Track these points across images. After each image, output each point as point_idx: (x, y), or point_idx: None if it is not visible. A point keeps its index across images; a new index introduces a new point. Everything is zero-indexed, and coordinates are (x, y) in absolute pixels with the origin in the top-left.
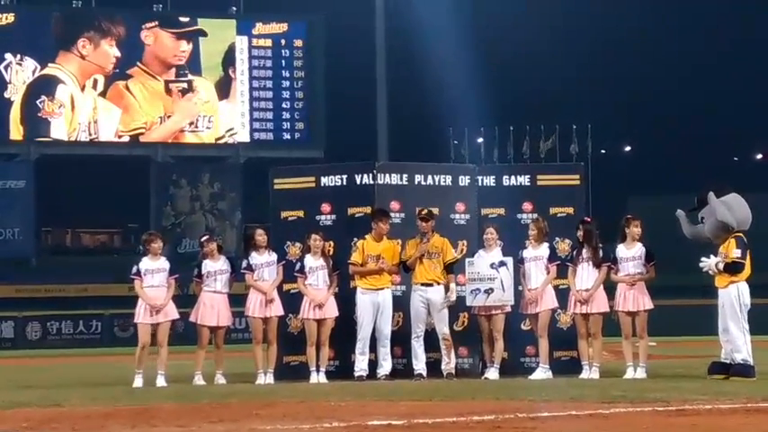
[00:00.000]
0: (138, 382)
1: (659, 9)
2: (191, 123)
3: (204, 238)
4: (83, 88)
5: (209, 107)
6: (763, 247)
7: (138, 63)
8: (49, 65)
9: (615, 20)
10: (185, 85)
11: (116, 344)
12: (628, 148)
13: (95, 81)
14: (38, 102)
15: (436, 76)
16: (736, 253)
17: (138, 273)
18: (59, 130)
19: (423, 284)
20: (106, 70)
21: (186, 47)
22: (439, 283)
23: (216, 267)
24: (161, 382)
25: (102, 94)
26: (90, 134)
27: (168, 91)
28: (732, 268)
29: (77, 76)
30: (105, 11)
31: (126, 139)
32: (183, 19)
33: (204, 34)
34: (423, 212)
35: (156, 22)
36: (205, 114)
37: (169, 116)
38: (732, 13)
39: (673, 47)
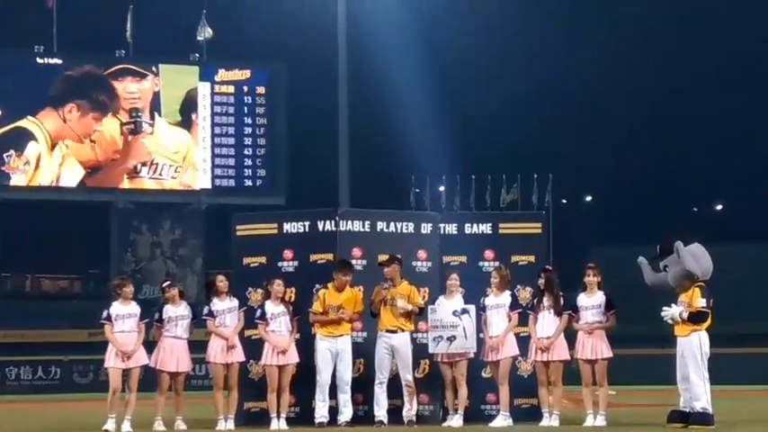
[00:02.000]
0: (109, 425)
1: (619, 64)
2: (145, 166)
3: (166, 283)
4: (52, 147)
5: (179, 156)
6: (723, 298)
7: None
8: (28, 117)
9: (575, 71)
10: (133, 126)
11: (75, 390)
12: (588, 198)
13: (68, 145)
14: (5, 155)
15: (398, 124)
16: (701, 302)
17: (109, 317)
18: (19, 182)
19: (387, 331)
20: (81, 138)
21: (134, 87)
22: (404, 330)
23: (177, 313)
24: (126, 426)
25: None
26: (51, 182)
27: (122, 133)
28: (697, 318)
29: (51, 136)
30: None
31: (81, 180)
32: (127, 63)
33: (144, 75)
34: (384, 259)
35: (103, 69)
36: (172, 164)
37: (121, 160)
38: (691, 65)
39: (631, 98)
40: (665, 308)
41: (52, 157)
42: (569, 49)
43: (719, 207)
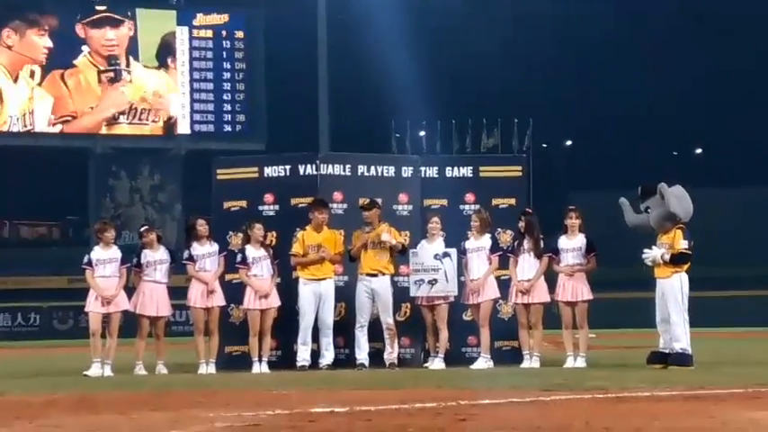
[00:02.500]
0: (95, 369)
1: (599, 6)
2: (123, 113)
3: (143, 228)
4: (15, 79)
5: (157, 100)
6: (703, 240)
7: (86, 56)
8: None
9: (557, 16)
10: (112, 74)
11: (55, 336)
12: (569, 143)
13: (32, 72)
14: None
15: (378, 68)
16: (683, 244)
17: (90, 263)
18: None
19: (368, 274)
20: (38, 61)
21: (113, 34)
22: (384, 273)
23: (155, 257)
24: (107, 371)
25: (39, 84)
26: (25, 125)
27: (99, 81)
28: (680, 259)
29: (7, 68)
30: (31, 2)
31: (58, 127)
32: (100, 7)
33: (120, 21)
34: (364, 203)
35: (79, 15)
36: (150, 108)
37: (97, 107)
38: (678, 17)
39: (615, 42)
40: (645, 250)
41: (17, 87)
42: None
43: (699, 151)
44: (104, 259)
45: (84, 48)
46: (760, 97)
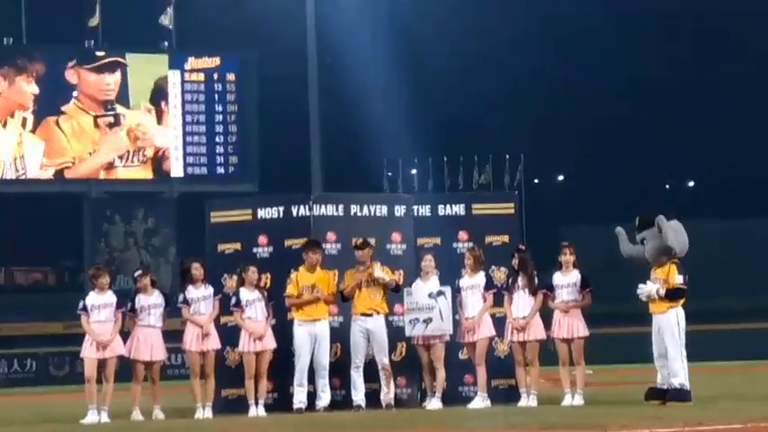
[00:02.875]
0: (91, 416)
1: (589, 40)
2: (120, 158)
3: (138, 272)
4: (4, 124)
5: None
6: (699, 273)
7: (74, 101)
8: None
9: (548, 50)
10: (112, 119)
11: (51, 382)
12: (561, 178)
13: (24, 119)
14: None
15: (369, 108)
16: (678, 279)
17: (85, 308)
18: None
19: (362, 314)
20: (26, 107)
21: (110, 79)
22: (379, 313)
23: (149, 302)
24: (104, 417)
25: (32, 131)
26: (17, 170)
27: (96, 126)
28: (675, 294)
29: None
30: (21, 48)
31: (51, 172)
32: (99, 53)
33: (122, 66)
34: (357, 242)
35: (75, 60)
36: (139, 148)
37: (95, 152)
38: (667, 45)
39: (605, 76)
40: (640, 285)
41: (6, 132)
42: (539, 30)
43: (691, 183)
44: (99, 304)
45: (74, 93)
46: (752, 129)
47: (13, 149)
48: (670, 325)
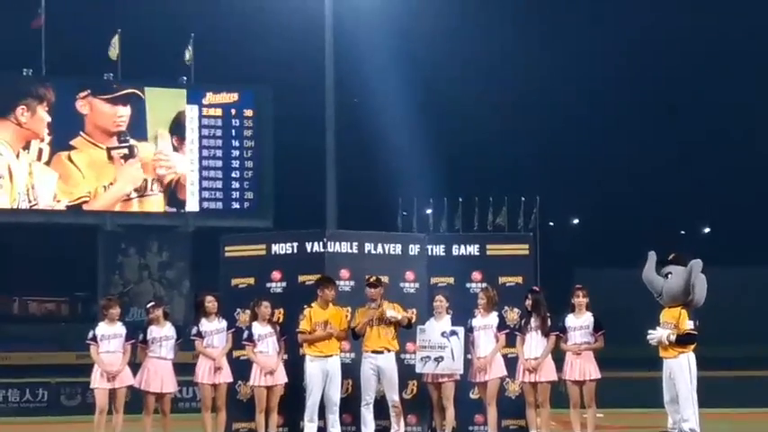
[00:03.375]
0: None
1: (605, 84)
2: (136, 190)
3: (150, 304)
4: (17, 155)
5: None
6: (714, 319)
7: (81, 133)
8: None
9: (564, 94)
10: (126, 151)
11: (63, 412)
12: (576, 221)
13: (39, 150)
14: None
15: (385, 146)
16: (689, 324)
17: (95, 338)
18: (1, 200)
19: (373, 352)
20: (41, 136)
21: (124, 111)
22: (389, 351)
23: (161, 333)
24: None
25: (47, 163)
26: (29, 201)
27: (110, 158)
28: (686, 340)
29: (12, 144)
30: (37, 78)
31: (65, 203)
32: (115, 85)
33: (137, 98)
34: (371, 279)
35: (89, 91)
36: (158, 176)
37: (111, 184)
38: (681, 93)
39: (621, 122)
40: (650, 331)
41: (19, 163)
42: (557, 72)
43: (707, 230)
44: (109, 335)
45: (82, 125)
46: None
47: (25, 180)
48: (682, 370)
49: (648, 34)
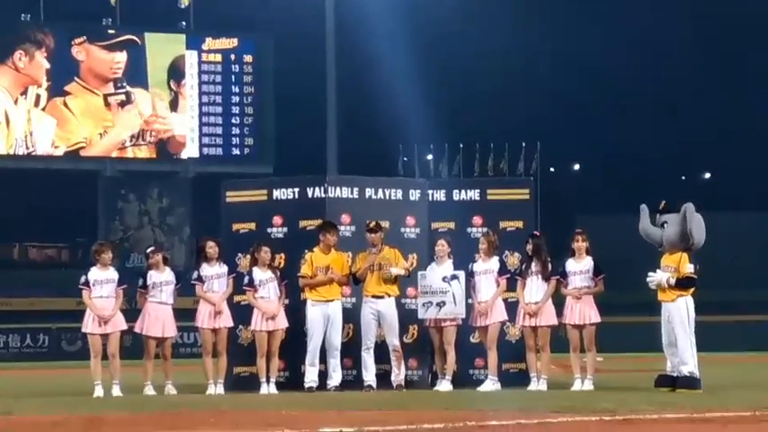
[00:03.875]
0: (98, 392)
1: (605, 31)
2: (132, 137)
3: (150, 249)
4: (15, 101)
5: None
6: (712, 264)
7: (76, 78)
8: None
9: (565, 40)
10: (123, 97)
11: (63, 357)
12: (576, 167)
13: (37, 95)
14: None
15: (387, 92)
16: (689, 268)
17: (87, 283)
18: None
19: (374, 296)
20: (39, 82)
21: (120, 58)
22: (390, 295)
23: (161, 279)
24: (116, 391)
25: (43, 108)
26: (27, 147)
27: (107, 104)
28: (685, 283)
29: (10, 90)
30: (35, 24)
31: (63, 150)
32: (111, 30)
33: (135, 44)
34: (371, 224)
35: (85, 38)
36: (153, 129)
37: (107, 130)
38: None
39: (622, 68)
40: (650, 274)
41: (17, 109)
42: (558, 17)
43: (707, 175)
44: (101, 280)
45: (77, 71)
46: None
47: (24, 126)
48: (680, 313)
49: None
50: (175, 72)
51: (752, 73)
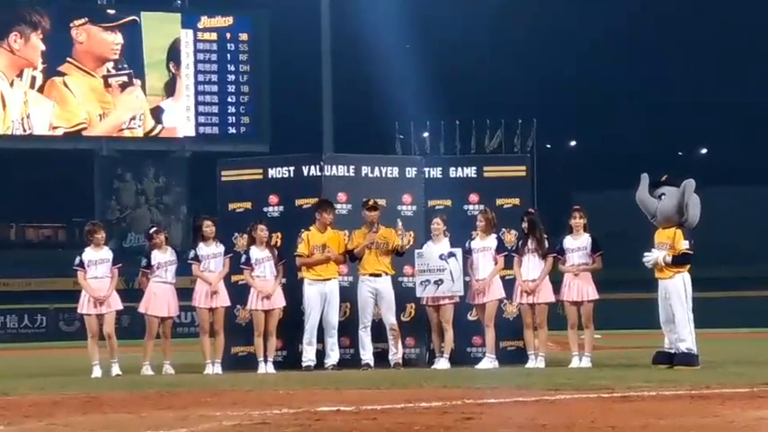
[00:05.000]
0: (96, 372)
1: (606, 8)
2: (132, 119)
3: (153, 229)
4: (11, 83)
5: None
6: (706, 241)
7: (69, 59)
8: None
9: (561, 16)
10: (125, 79)
11: (61, 338)
12: (573, 143)
13: (33, 77)
14: None
15: (382, 69)
16: (684, 244)
17: (81, 264)
18: None
19: (371, 275)
20: (34, 64)
21: (120, 39)
22: (387, 274)
23: (164, 258)
24: (116, 370)
25: (40, 90)
26: (24, 129)
27: (108, 86)
28: (682, 260)
29: (5, 72)
30: (31, 3)
31: (61, 131)
32: (111, 11)
33: (135, 24)
34: (369, 202)
35: (86, 19)
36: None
37: (108, 112)
38: (679, 12)
39: (619, 43)
40: (646, 253)
41: (14, 91)
42: None
43: (704, 151)
44: (96, 260)
45: (71, 52)
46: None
47: (20, 108)
48: (677, 290)
49: None
50: (174, 54)
51: (751, 46)
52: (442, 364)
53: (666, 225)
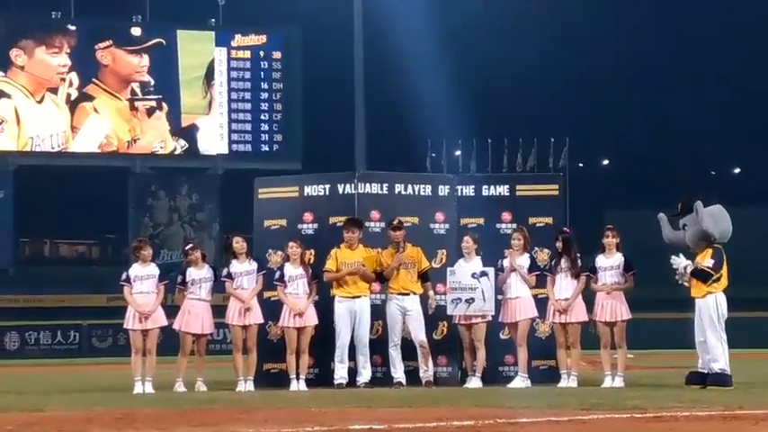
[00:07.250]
0: (137, 388)
1: (638, 27)
2: (162, 141)
3: (189, 246)
4: (41, 100)
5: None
6: (742, 260)
7: (94, 80)
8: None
9: (595, 36)
10: (153, 104)
11: (94, 354)
12: (605, 162)
13: (68, 94)
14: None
15: (415, 87)
16: (708, 263)
17: (128, 279)
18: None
19: (399, 294)
20: (53, 81)
21: (146, 62)
22: (415, 293)
23: (200, 275)
24: (148, 388)
25: (72, 109)
26: (58, 145)
27: (133, 109)
28: (700, 275)
29: (28, 88)
30: (64, 22)
31: (95, 147)
32: (135, 32)
33: (162, 46)
34: (394, 222)
35: (111, 42)
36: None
37: (137, 138)
38: (713, 31)
39: (653, 62)
40: (673, 257)
41: (41, 108)
42: (588, 12)
43: (737, 170)
44: (142, 276)
45: (98, 73)
46: None
47: (53, 124)
48: (708, 310)
49: None
50: (209, 72)
51: None
52: (475, 382)
53: (701, 250)
